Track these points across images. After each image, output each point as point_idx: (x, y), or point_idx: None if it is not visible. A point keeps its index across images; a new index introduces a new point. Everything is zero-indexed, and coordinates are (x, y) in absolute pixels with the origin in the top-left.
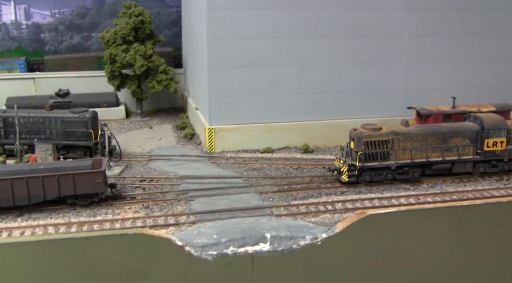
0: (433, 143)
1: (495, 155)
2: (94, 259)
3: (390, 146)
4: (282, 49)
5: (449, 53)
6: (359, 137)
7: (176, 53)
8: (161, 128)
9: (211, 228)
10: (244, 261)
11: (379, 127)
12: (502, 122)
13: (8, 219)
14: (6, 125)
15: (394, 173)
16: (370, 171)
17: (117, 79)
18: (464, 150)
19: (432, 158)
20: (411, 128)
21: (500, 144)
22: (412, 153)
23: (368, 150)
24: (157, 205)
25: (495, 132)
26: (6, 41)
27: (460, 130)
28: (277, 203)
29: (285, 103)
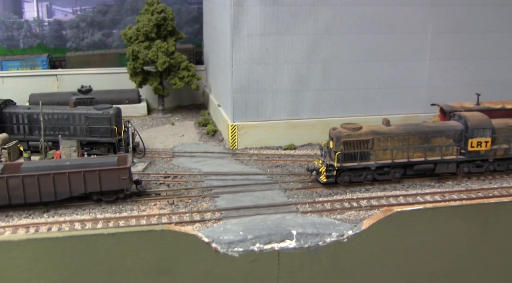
0: (415, 143)
1: (480, 155)
2: (121, 255)
3: (370, 145)
4: (305, 46)
5: (473, 49)
6: (338, 137)
7: (197, 50)
8: (183, 125)
9: (237, 224)
10: (270, 258)
11: (359, 127)
12: (487, 122)
13: (35, 215)
14: (30, 122)
15: (374, 174)
16: (349, 171)
17: (139, 76)
18: (447, 149)
19: (414, 158)
20: (392, 128)
21: (484, 143)
22: (393, 153)
23: (347, 149)
24: (182, 201)
25: (480, 132)
26: (29, 38)
27: (443, 130)
28: (301, 199)
29: (308, 100)
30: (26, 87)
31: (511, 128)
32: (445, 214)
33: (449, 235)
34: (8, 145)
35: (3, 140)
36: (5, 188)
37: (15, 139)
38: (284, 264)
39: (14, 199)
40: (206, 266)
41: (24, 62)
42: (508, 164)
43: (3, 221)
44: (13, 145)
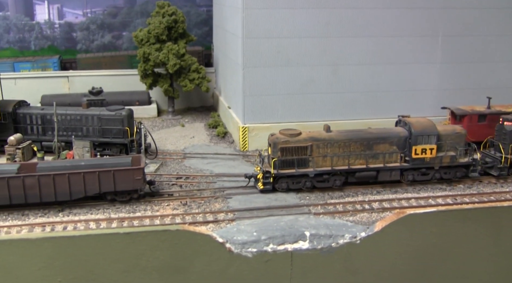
0: (356, 150)
1: (425, 163)
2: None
3: (308, 152)
4: (316, 48)
5: (484, 52)
6: (275, 143)
7: (206, 52)
8: (193, 127)
9: (250, 225)
10: (283, 258)
11: (298, 133)
12: (432, 129)
13: (50, 214)
14: (44, 123)
15: (314, 181)
16: (288, 178)
17: (150, 78)
18: (391, 157)
19: (356, 165)
20: (333, 134)
21: (429, 151)
22: (333, 160)
23: (284, 156)
24: (195, 202)
25: (424, 139)
26: (40, 40)
27: (386, 137)
28: (313, 201)
29: (319, 102)
30: (38, 89)
31: (458, 135)
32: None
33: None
34: (22, 145)
35: (17, 140)
36: (22, 187)
37: (28, 140)
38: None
39: (30, 198)
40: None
41: (35, 63)
42: (456, 172)
43: (19, 219)
44: (27, 145)
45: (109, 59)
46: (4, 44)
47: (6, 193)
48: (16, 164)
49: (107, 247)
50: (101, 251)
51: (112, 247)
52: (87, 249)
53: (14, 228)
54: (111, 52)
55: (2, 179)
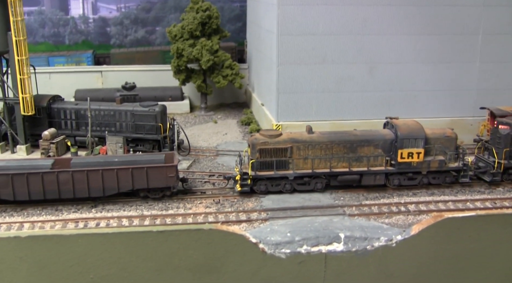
0: (339, 152)
1: (411, 167)
2: (168, 253)
3: (288, 154)
4: (353, 46)
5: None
6: (254, 144)
7: (239, 48)
8: (225, 123)
9: (284, 226)
10: (317, 260)
11: (278, 134)
12: (419, 132)
13: (83, 210)
14: (78, 118)
15: (294, 183)
16: (267, 180)
17: (183, 74)
18: (376, 160)
19: (339, 168)
20: (314, 136)
21: (416, 155)
22: (315, 163)
23: (263, 158)
24: (228, 200)
25: (411, 142)
26: (74, 35)
27: (371, 139)
28: (348, 202)
29: (353, 101)
30: (72, 83)
31: (448, 139)
32: (497, 222)
33: (501, 244)
34: (56, 140)
35: (52, 135)
36: (56, 182)
37: (62, 134)
38: (331, 267)
39: (64, 194)
40: (253, 266)
41: (69, 58)
42: (445, 177)
43: (53, 214)
44: (61, 139)
45: (142, 55)
46: (39, 39)
47: (41, 188)
48: (51, 159)
49: (140, 245)
50: (133, 248)
51: (145, 245)
52: (120, 247)
53: (48, 223)
54: (144, 47)
55: (36, 174)
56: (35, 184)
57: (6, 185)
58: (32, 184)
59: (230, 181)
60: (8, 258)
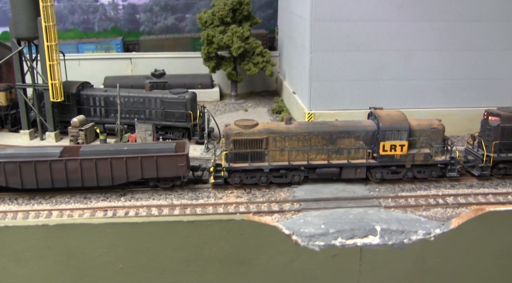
0: (318, 144)
1: (394, 160)
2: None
3: (264, 145)
4: (388, 33)
5: None
6: (228, 134)
7: (270, 35)
8: (256, 112)
9: (317, 217)
10: (352, 253)
11: (254, 124)
12: (403, 123)
13: (112, 198)
14: (107, 105)
15: (270, 176)
16: (242, 172)
17: (213, 61)
18: (357, 153)
19: (317, 160)
20: (292, 127)
21: (400, 147)
22: (292, 155)
23: (237, 149)
24: (260, 190)
25: (394, 134)
26: (103, 21)
27: (352, 131)
28: (383, 193)
29: (388, 89)
30: (101, 70)
31: (434, 131)
32: None
33: None
34: (85, 127)
35: (81, 122)
36: (64, 171)
37: (91, 121)
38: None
39: (72, 182)
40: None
41: (99, 45)
42: (431, 171)
43: (81, 202)
44: (90, 127)
45: (172, 42)
46: (69, 26)
47: (49, 176)
48: (60, 147)
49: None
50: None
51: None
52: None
53: (77, 211)
54: (174, 34)
55: (44, 162)
56: (43, 172)
57: (14, 173)
58: (40, 172)
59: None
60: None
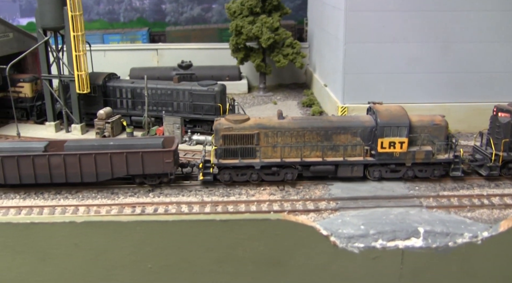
0: (312, 140)
1: (393, 158)
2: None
3: (255, 141)
4: (425, 23)
5: None
6: (217, 129)
7: (298, 26)
8: (285, 105)
9: (356, 217)
10: (393, 256)
11: (245, 119)
12: (402, 119)
13: (140, 194)
14: (134, 96)
15: (261, 173)
16: (232, 169)
17: (241, 52)
18: (354, 150)
19: (311, 157)
20: (285, 122)
21: (399, 144)
22: (284, 151)
23: (227, 144)
24: (293, 187)
25: (393, 131)
26: (129, 12)
27: (348, 126)
28: (424, 192)
29: (425, 82)
30: (127, 61)
31: (437, 127)
32: None
33: None
34: (111, 119)
35: (107, 114)
36: (47, 166)
37: (118, 114)
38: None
39: (56, 178)
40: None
41: (124, 36)
42: (433, 170)
43: (108, 198)
44: (116, 119)
45: (198, 33)
46: (94, 16)
47: (32, 171)
48: (44, 142)
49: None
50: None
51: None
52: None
53: (104, 207)
54: (201, 25)
55: (27, 157)
56: (26, 167)
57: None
58: (23, 167)
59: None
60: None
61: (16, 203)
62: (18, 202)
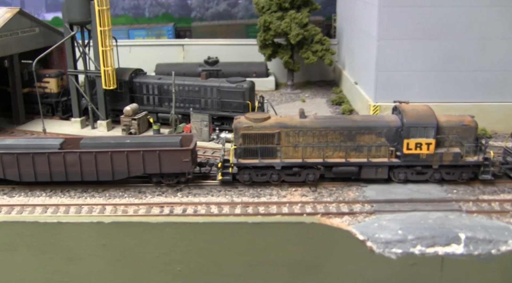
0: (335, 140)
1: (420, 160)
2: (264, 247)
3: (276, 140)
4: (463, 19)
5: None
6: (237, 128)
7: (326, 23)
8: (314, 103)
9: (393, 221)
10: (432, 263)
11: (266, 118)
12: (430, 119)
13: (168, 193)
14: (161, 93)
15: (282, 174)
16: (252, 169)
17: (269, 48)
18: (378, 150)
19: (334, 158)
20: (307, 121)
21: (426, 146)
22: (306, 151)
23: (246, 144)
24: (326, 188)
25: (419, 131)
26: (154, 7)
27: (373, 126)
28: (462, 196)
29: (462, 81)
30: (152, 57)
31: (465, 128)
32: None
33: None
34: (138, 116)
35: (134, 111)
36: (63, 164)
37: (144, 110)
38: (448, 271)
39: (71, 176)
40: (359, 266)
41: (150, 31)
42: (461, 173)
43: (136, 197)
44: (143, 116)
45: (225, 28)
46: (119, 11)
47: (47, 169)
48: (60, 139)
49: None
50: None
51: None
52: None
53: (131, 206)
54: (227, 20)
55: (42, 154)
56: (41, 164)
57: (11, 165)
58: (38, 164)
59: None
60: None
61: (42, 200)
62: (44, 199)
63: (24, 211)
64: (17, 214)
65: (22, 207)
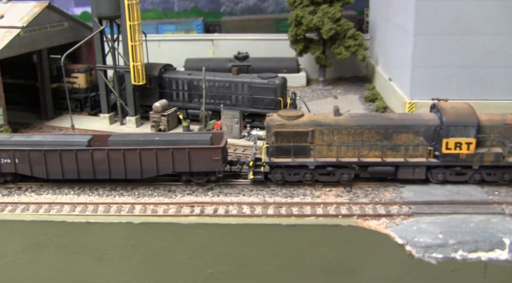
0: (370, 139)
1: (459, 160)
2: (298, 250)
3: (309, 139)
4: (504, 13)
5: None
6: (269, 126)
7: (358, 17)
8: (346, 99)
9: (432, 224)
10: (474, 269)
11: (299, 115)
12: (470, 117)
13: (199, 192)
14: (190, 89)
15: (315, 173)
16: (284, 168)
17: (301, 43)
18: (415, 150)
19: (369, 157)
20: (341, 119)
21: (466, 145)
22: (341, 150)
23: (279, 142)
24: (361, 189)
25: (459, 130)
26: (183, 1)
27: (410, 125)
28: (505, 198)
29: (502, 78)
30: (181, 52)
31: (508, 127)
32: None
33: None
34: (167, 112)
35: (163, 107)
36: (91, 161)
37: (174, 106)
38: (491, 277)
39: (99, 174)
40: (397, 271)
41: (179, 25)
42: (503, 173)
43: (165, 196)
44: (172, 112)
45: (254, 23)
46: (148, 6)
47: (75, 166)
48: (88, 135)
49: (266, 239)
50: (258, 243)
51: (272, 239)
52: (243, 240)
53: (161, 206)
54: (257, 15)
55: (70, 151)
56: (68, 161)
57: (39, 162)
58: (66, 161)
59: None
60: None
61: (70, 199)
62: (73, 198)
63: (52, 209)
64: (45, 212)
65: (50, 205)
